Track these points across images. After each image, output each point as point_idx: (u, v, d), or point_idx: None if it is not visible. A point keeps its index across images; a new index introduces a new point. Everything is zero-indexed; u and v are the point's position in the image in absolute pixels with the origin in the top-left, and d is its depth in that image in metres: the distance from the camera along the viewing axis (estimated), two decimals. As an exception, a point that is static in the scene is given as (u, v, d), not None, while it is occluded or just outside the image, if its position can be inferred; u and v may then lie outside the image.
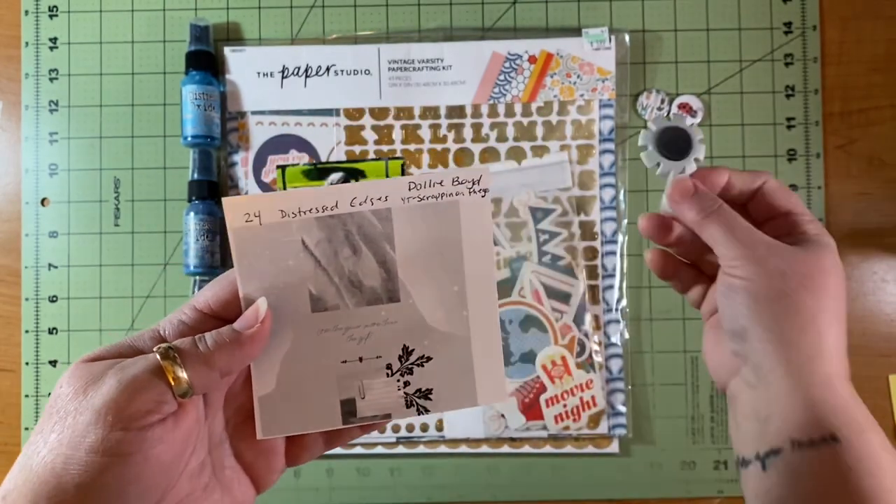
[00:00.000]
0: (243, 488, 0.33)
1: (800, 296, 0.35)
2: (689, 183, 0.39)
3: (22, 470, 0.28)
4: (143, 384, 0.28)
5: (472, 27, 0.69)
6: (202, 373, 0.29)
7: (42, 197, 0.68)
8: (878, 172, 0.69)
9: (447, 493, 0.67)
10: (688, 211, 0.38)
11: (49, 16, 0.69)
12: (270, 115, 0.68)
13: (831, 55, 0.69)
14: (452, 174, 0.33)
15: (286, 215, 0.32)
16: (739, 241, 0.37)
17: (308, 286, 0.33)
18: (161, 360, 0.29)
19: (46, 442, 0.28)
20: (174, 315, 0.32)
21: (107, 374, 0.29)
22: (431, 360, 0.34)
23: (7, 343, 0.68)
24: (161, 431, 0.28)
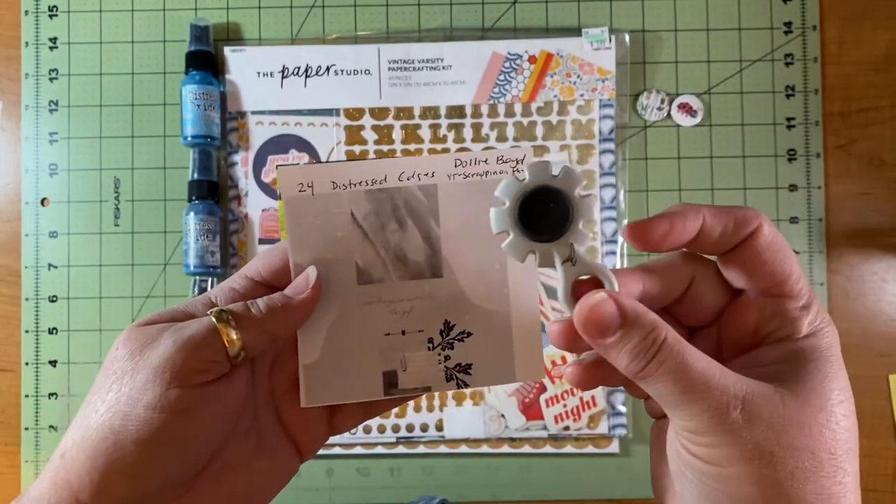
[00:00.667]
0: (287, 455, 0.34)
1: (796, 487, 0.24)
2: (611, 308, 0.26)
3: (79, 428, 0.29)
4: (200, 344, 0.29)
5: (472, 27, 0.69)
6: (255, 335, 0.30)
7: (42, 197, 0.68)
8: (878, 172, 0.69)
9: (447, 493, 0.67)
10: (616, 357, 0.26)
11: (49, 16, 0.69)
12: (270, 115, 0.68)
13: (831, 55, 0.69)
14: (497, 153, 0.33)
15: (337, 187, 0.33)
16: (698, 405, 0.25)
17: (355, 258, 0.33)
18: (216, 322, 0.29)
19: (104, 401, 0.29)
20: (226, 283, 0.32)
21: (163, 334, 0.29)
22: (472, 336, 0.34)
23: (7, 343, 0.68)
24: (215, 390, 0.29)
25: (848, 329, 0.68)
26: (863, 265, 0.68)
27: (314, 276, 0.32)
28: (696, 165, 0.68)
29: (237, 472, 0.31)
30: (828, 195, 0.68)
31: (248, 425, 0.32)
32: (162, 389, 0.28)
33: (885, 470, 0.67)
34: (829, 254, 0.68)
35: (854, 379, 0.36)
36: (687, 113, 0.68)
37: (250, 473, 0.32)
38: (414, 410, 0.67)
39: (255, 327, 0.30)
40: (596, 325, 0.26)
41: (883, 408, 0.67)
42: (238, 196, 0.68)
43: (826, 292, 0.68)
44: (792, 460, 0.24)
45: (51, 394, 0.68)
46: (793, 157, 0.68)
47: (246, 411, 0.32)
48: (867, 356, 0.67)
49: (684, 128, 0.68)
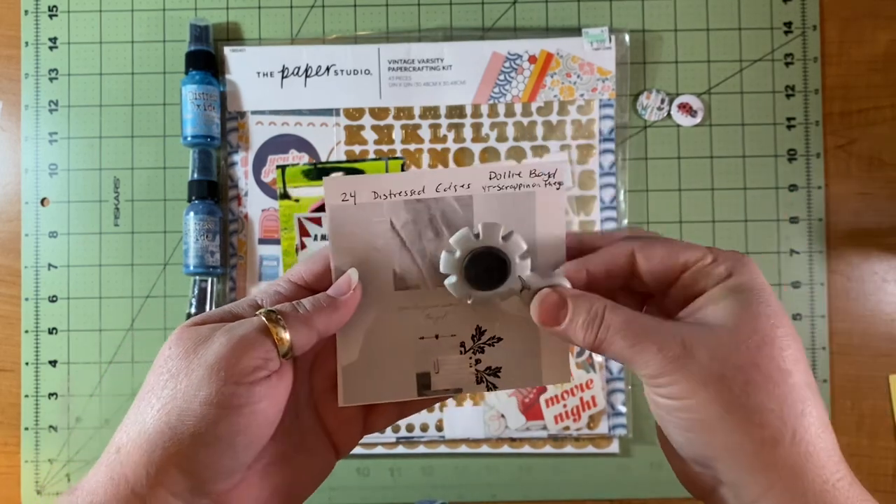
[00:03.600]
0: (326, 453, 0.35)
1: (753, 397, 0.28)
2: (554, 296, 0.32)
3: (134, 424, 0.30)
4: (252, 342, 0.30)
5: (472, 27, 0.69)
6: (303, 333, 0.31)
7: (42, 197, 0.68)
8: (879, 172, 0.69)
9: (447, 493, 0.67)
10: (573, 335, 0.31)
11: (49, 16, 0.69)
12: (270, 115, 0.68)
13: (831, 55, 0.69)
14: (531, 166, 0.35)
15: (378, 196, 0.34)
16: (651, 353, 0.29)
17: (393, 265, 0.35)
18: (266, 322, 0.31)
19: (159, 398, 0.30)
20: (270, 286, 0.34)
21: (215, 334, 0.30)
22: (501, 341, 0.36)
23: (7, 343, 0.68)
24: (266, 387, 0.30)
25: (848, 329, 0.68)
26: (863, 265, 0.68)
27: (356, 278, 0.33)
28: (696, 165, 0.68)
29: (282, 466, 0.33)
30: (828, 195, 0.68)
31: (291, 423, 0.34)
32: (218, 386, 0.29)
33: (885, 470, 0.67)
34: (829, 254, 0.68)
35: (854, 379, 0.36)
36: (687, 113, 0.68)
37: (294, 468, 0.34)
38: (414, 410, 0.67)
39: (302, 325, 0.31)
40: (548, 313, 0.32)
41: (883, 408, 0.67)
42: (238, 196, 0.68)
43: (826, 292, 0.68)
44: (741, 376, 0.28)
45: (51, 394, 0.68)
46: (793, 157, 0.68)
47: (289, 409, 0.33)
48: (867, 356, 0.67)
49: (684, 128, 0.68)
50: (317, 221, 0.67)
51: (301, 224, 0.67)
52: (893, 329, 0.68)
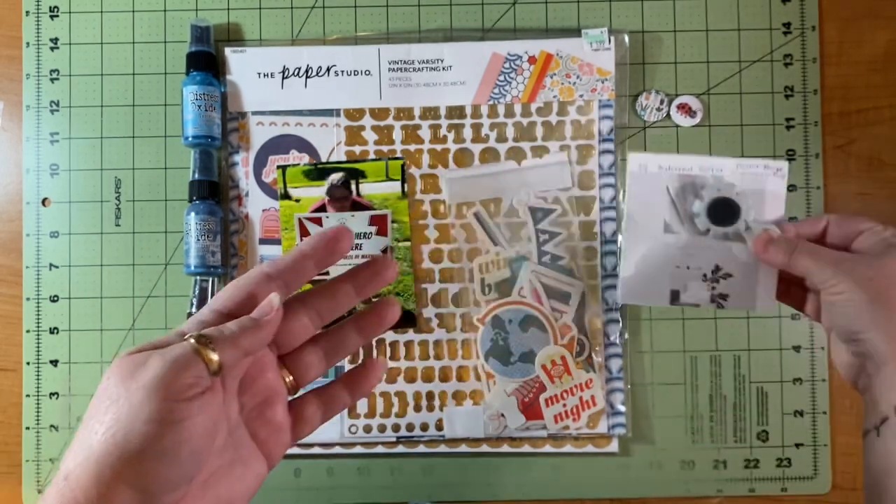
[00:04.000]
0: (258, 464, 0.39)
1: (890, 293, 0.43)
2: (766, 235, 0.49)
3: (81, 450, 0.32)
4: (185, 363, 0.33)
5: (472, 28, 0.69)
6: (230, 352, 0.35)
7: (43, 197, 0.69)
8: (878, 173, 0.69)
9: (447, 493, 0.67)
10: (774, 256, 0.48)
11: (50, 16, 0.69)
12: (271, 116, 0.68)
13: (830, 55, 0.69)
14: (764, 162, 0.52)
15: (662, 169, 0.53)
16: (827, 264, 0.45)
17: (664, 216, 0.53)
18: (196, 344, 0.34)
19: (103, 422, 0.32)
20: (194, 317, 0.38)
21: (150, 359, 0.34)
22: (731, 277, 0.53)
23: (8, 343, 0.69)
24: (201, 402, 0.34)
25: (847, 329, 0.68)
26: (862, 265, 0.68)
27: (277, 302, 0.37)
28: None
29: (221, 479, 0.37)
30: (827, 195, 0.68)
31: (226, 439, 0.37)
32: (158, 404, 0.32)
33: (884, 469, 0.67)
34: (828, 254, 0.68)
35: (851, 378, 0.36)
36: (686, 113, 0.68)
37: (232, 481, 0.37)
38: (414, 410, 0.67)
39: (229, 346, 0.35)
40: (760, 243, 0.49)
41: (882, 407, 0.67)
42: (239, 196, 0.68)
43: (825, 292, 0.68)
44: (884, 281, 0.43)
45: (52, 393, 0.68)
46: (792, 158, 0.68)
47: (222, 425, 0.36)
48: (866, 356, 0.68)
49: (683, 128, 0.68)
50: (317, 221, 0.67)
51: (301, 224, 0.67)
52: (892, 329, 0.68)
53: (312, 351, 0.42)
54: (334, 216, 0.66)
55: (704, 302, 0.54)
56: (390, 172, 0.67)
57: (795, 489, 0.67)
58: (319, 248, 0.40)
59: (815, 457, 0.67)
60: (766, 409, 0.68)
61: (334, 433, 0.67)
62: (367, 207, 0.67)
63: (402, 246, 0.66)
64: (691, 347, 0.68)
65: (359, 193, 0.67)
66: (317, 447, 0.67)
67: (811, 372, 0.67)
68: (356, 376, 0.43)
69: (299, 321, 0.40)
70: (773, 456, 0.67)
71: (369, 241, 0.66)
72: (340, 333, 0.42)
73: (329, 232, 0.41)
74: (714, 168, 0.53)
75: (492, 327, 0.67)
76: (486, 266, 0.67)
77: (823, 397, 0.67)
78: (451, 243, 0.68)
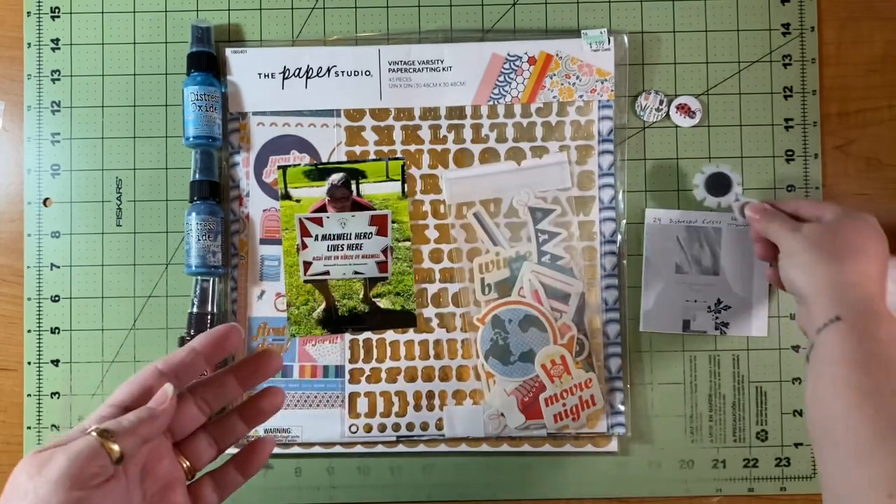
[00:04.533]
0: None
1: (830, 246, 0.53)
2: (761, 206, 0.61)
3: None
4: (89, 455, 0.37)
5: (471, 28, 0.69)
6: (129, 441, 0.38)
7: (44, 197, 0.69)
8: (876, 173, 0.69)
9: (447, 492, 0.67)
10: (757, 223, 0.60)
11: (51, 17, 0.69)
12: (271, 116, 0.68)
13: (829, 56, 0.69)
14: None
15: (672, 221, 0.67)
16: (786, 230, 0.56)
17: (675, 259, 0.67)
18: (98, 437, 0.38)
19: None
20: (95, 414, 0.41)
21: (55, 455, 0.37)
22: (730, 308, 0.67)
23: (9, 342, 0.69)
24: (105, 490, 0.37)
25: (846, 329, 0.68)
26: (860, 265, 0.69)
27: (170, 392, 0.41)
28: (695, 166, 0.68)
29: None
30: (826, 196, 0.69)
31: None
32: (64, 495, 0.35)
33: (882, 469, 0.68)
34: (826, 254, 0.68)
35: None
36: (685, 114, 0.68)
37: None
38: (414, 409, 0.67)
39: (129, 435, 0.38)
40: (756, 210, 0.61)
41: (880, 407, 0.68)
42: (239, 196, 0.68)
43: (824, 292, 0.68)
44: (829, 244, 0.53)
45: (53, 393, 0.68)
46: (791, 158, 0.69)
47: None
48: (865, 356, 0.68)
49: (683, 128, 0.69)
50: (317, 221, 0.67)
51: (302, 224, 0.67)
52: (891, 328, 0.68)
53: (203, 437, 0.45)
54: (335, 216, 0.67)
55: (710, 329, 0.67)
56: (390, 172, 0.67)
57: (794, 489, 0.68)
58: (208, 345, 0.44)
59: (814, 456, 0.67)
60: (765, 408, 0.68)
61: (335, 432, 0.67)
62: (367, 207, 0.67)
63: (402, 246, 0.67)
64: (690, 347, 0.68)
65: (359, 193, 0.67)
66: (317, 446, 0.67)
67: (810, 371, 0.68)
68: (245, 457, 0.47)
69: (189, 410, 0.44)
70: (772, 455, 0.68)
71: (370, 241, 0.67)
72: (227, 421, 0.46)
73: (219, 329, 0.44)
74: (713, 220, 0.67)
75: (492, 327, 0.67)
76: (486, 266, 0.68)
77: (822, 397, 0.68)
78: (451, 243, 0.68)
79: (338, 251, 0.67)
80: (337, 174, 0.68)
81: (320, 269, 0.67)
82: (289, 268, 0.67)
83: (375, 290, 0.67)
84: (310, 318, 0.67)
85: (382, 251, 0.67)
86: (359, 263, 0.67)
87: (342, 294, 0.67)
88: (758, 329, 0.67)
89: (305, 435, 0.67)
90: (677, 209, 0.68)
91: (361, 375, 0.68)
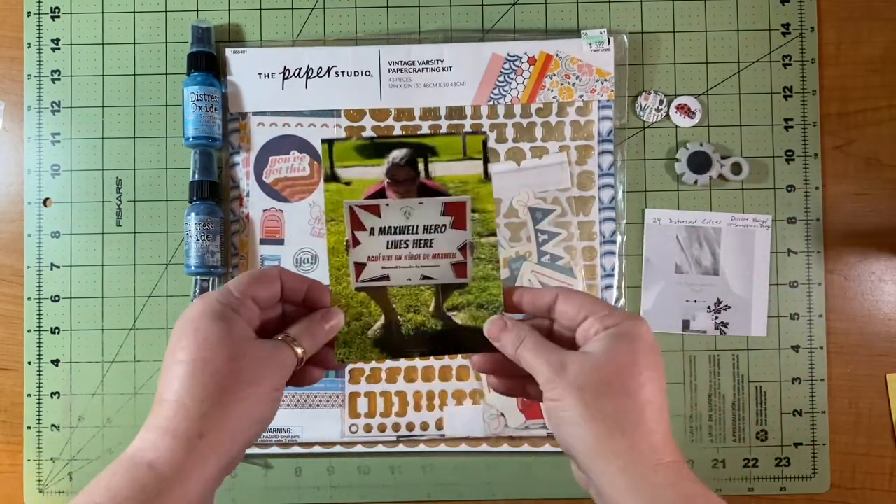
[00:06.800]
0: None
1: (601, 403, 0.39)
2: (502, 321, 0.45)
3: None
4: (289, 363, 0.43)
5: (471, 29, 0.69)
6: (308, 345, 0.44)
7: (44, 197, 0.69)
8: (876, 173, 0.69)
9: (447, 492, 0.67)
10: (506, 347, 0.44)
11: (51, 17, 0.70)
12: (271, 116, 0.68)
13: (829, 56, 0.69)
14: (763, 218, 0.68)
15: (672, 221, 0.68)
16: (545, 362, 0.41)
17: (675, 259, 0.67)
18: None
19: None
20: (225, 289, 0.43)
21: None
22: (730, 308, 0.67)
23: (9, 342, 0.69)
24: None
25: (846, 329, 0.68)
26: (860, 265, 0.69)
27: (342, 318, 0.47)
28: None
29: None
30: (825, 195, 0.69)
31: None
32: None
33: (882, 469, 0.68)
34: (826, 254, 0.68)
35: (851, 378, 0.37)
36: (685, 114, 0.68)
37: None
38: (414, 409, 0.67)
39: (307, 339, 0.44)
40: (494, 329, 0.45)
41: (880, 407, 0.68)
42: (239, 196, 0.68)
43: (824, 292, 0.68)
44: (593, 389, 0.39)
45: (53, 393, 0.68)
46: (790, 158, 0.69)
47: None
48: (865, 356, 0.68)
49: (682, 128, 0.69)
50: (374, 210, 0.49)
51: (353, 214, 0.49)
52: (891, 328, 0.68)
53: None
54: (396, 204, 0.50)
55: (710, 329, 0.67)
56: (469, 149, 0.51)
57: (794, 488, 0.68)
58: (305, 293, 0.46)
59: (813, 456, 0.68)
60: (764, 408, 0.68)
61: (335, 432, 0.67)
62: (439, 192, 0.51)
63: (485, 242, 0.50)
64: (690, 347, 0.68)
65: (428, 175, 0.51)
66: (317, 446, 0.67)
67: (810, 372, 0.68)
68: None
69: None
70: (772, 455, 0.68)
71: (443, 235, 0.50)
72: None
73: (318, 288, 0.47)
74: (713, 220, 0.67)
75: (492, 327, 0.67)
76: (486, 266, 0.67)
77: (822, 397, 0.68)
78: (451, 243, 0.68)
79: (400, 249, 0.52)
80: (399, 150, 0.51)
81: (377, 273, 0.51)
82: (335, 270, 0.51)
83: (451, 300, 0.51)
84: (364, 337, 0.50)
85: (460, 249, 0.51)
86: (428, 266, 0.51)
87: (406, 306, 0.51)
88: (757, 329, 0.67)
89: (305, 435, 0.67)
90: (677, 209, 0.68)
91: (361, 375, 0.68)
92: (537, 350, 0.42)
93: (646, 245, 0.68)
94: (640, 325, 0.41)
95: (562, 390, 0.39)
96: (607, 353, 0.40)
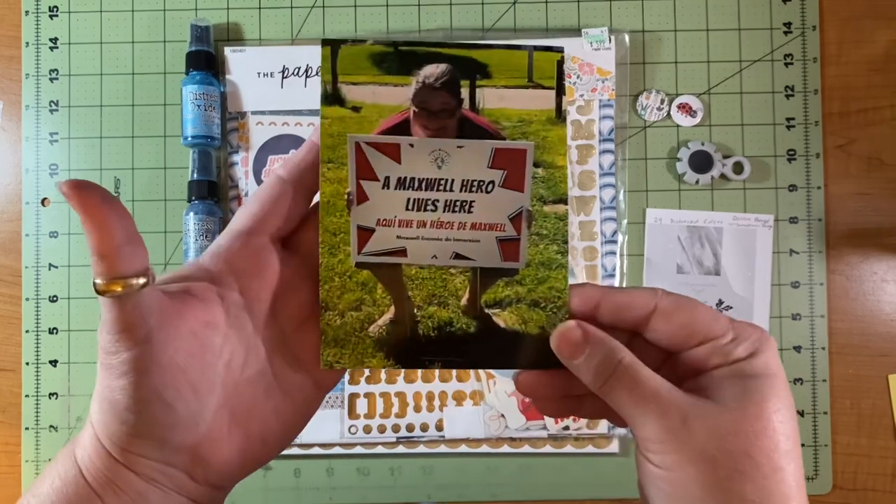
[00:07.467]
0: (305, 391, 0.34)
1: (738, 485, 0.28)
2: (581, 333, 0.31)
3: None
4: None
5: (472, 28, 0.69)
6: None
7: (42, 197, 0.69)
8: (878, 172, 0.69)
9: (447, 493, 0.67)
10: (584, 373, 0.31)
11: (49, 16, 0.69)
12: (270, 116, 0.68)
13: (831, 55, 0.69)
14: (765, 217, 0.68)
15: (673, 221, 0.68)
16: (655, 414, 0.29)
17: (676, 259, 0.67)
18: None
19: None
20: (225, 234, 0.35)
21: None
22: (732, 308, 0.67)
23: (7, 343, 0.68)
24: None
25: (847, 329, 0.68)
26: (862, 265, 0.68)
27: None
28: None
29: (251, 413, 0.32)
30: (827, 195, 0.68)
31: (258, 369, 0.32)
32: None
33: (884, 470, 0.67)
34: (828, 253, 0.68)
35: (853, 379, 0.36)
36: (686, 113, 0.68)
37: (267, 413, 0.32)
38: (414, 410, 0.67)
39: None
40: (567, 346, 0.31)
41: (882, 408, 0.67)
42: (238, 196, 0.68)
43: (826, 292, 0.68)
44: (730, 463, 0.28)
45: (51, 393, 0.68)
46: (792, 158, 0.68)
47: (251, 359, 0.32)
48: (866, 356, 0.68)
49: (684, 128, 0.68)
50: (391, 152, 0.34)
51: (361, 154, 0.34)
52: (892, 329, 0.68)
53: None
54: (425, 145, 0.34)
55: None
56: (537, 72, 0.34)
57: (796, 489, 0.67)
58: None
59: (815, 457, 0.67)
60: (766, 409, 0.68)
61: (334, 433, 0.67)
62: (488, 133, 0.34)
63: (550, 212, 0.34)
64: (692, 347, 0.68)
65: (474, 105, 0.34)
66: (317, 447, 0.67)
67: (812, 372, 0.67)
68: None
69: None
70: (773, 456, 0.67)
71: (489, 196, 0.34)
72: None
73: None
74: (715, 220, 0.67)
75: (492, 327, 0.66)
76: (487, 266, 0.67)
77: (824, 398, 0.67)
78: (451, 243, 0.67)
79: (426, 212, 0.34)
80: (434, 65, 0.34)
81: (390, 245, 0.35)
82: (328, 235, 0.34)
83: (493, 292, 0.34)
84: (363, 335, 0.34)
85: (512, 219, 0.34)
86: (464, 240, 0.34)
87: (428, 295, 0.35)
88: (759, 320, 0.66)
89: (305, 436, 0.67)
90: (679, 209, 0.68)
91: (361, 376, 0.67)
92: (642, 391, 0.29)
93: (647, 245, 0.67)
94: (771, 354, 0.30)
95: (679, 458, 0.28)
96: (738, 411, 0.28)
